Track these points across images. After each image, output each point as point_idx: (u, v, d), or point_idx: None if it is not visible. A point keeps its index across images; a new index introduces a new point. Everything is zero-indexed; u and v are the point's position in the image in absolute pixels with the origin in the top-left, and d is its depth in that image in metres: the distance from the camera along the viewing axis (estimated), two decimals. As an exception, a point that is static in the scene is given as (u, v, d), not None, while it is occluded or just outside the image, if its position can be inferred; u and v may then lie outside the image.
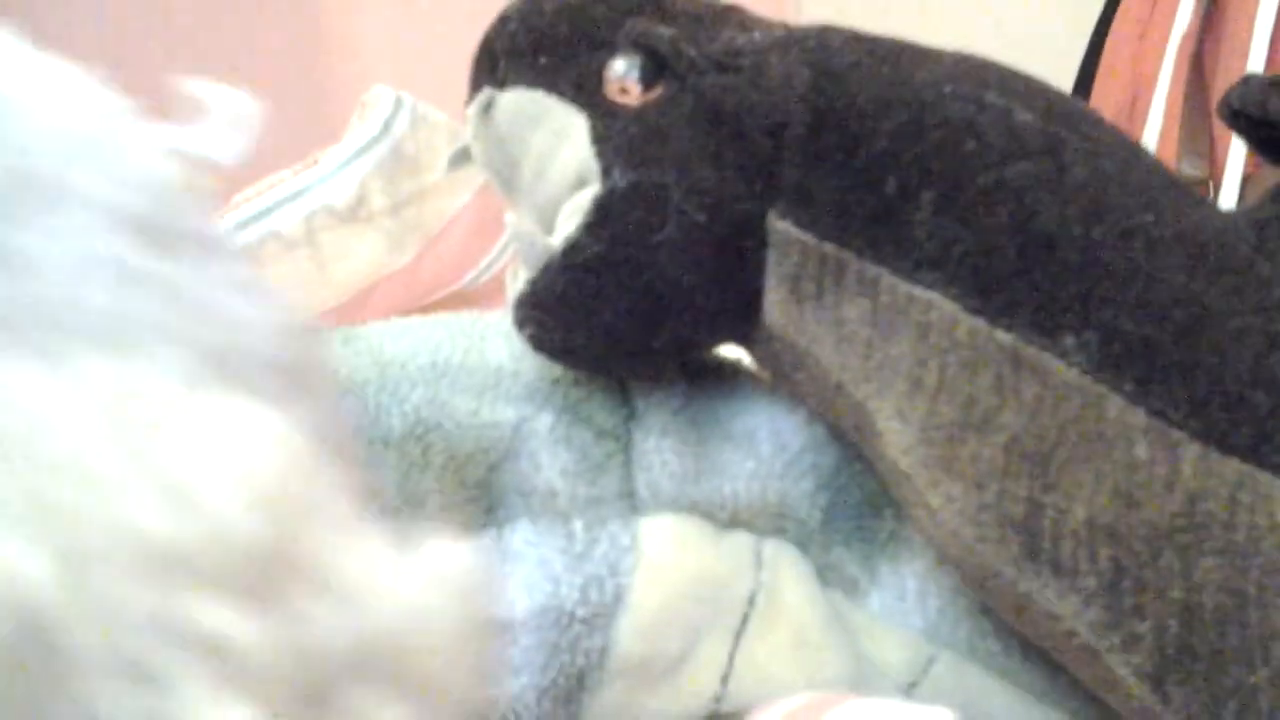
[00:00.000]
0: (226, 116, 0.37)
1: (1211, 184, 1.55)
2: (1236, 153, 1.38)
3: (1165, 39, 1.41)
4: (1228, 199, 1.43)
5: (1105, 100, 1.46)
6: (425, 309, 0.91)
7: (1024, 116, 0.46)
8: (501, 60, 0.50)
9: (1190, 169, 1.55)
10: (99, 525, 0.21)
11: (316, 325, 0.34)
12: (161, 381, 0.26)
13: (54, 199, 0.30)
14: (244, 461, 0.23)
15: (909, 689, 0.50)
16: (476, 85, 0.51)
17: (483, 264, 0.93)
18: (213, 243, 0.32)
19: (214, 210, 0.35)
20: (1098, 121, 0.48)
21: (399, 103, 0.94)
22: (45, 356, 0.27)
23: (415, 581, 0.24)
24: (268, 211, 0.89)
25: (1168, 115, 1.41)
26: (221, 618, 0.21)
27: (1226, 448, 0.43)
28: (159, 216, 0.31)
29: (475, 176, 0.91)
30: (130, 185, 0.31)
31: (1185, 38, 1.37)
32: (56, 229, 0.29)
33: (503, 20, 0.51)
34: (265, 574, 0.22)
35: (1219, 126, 1.30)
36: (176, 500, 0.22)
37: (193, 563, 0.21)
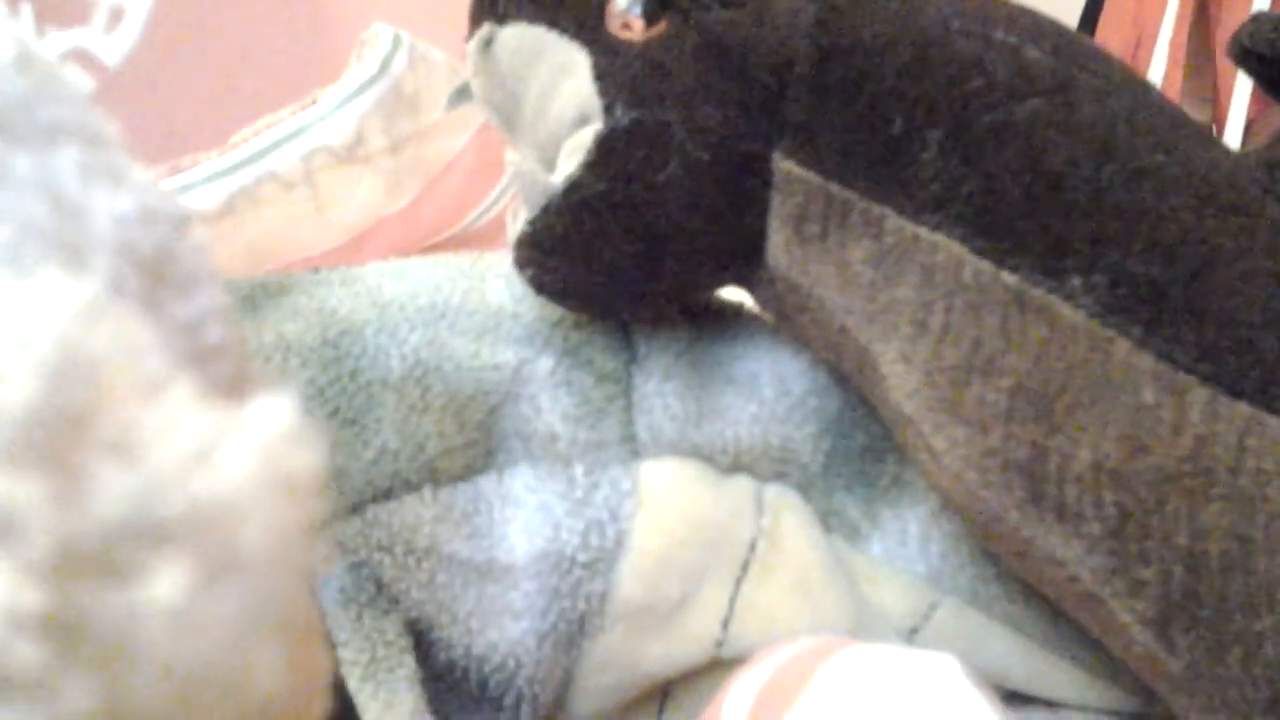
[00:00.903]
0: (110, 11, 0.36)
1: (1215, 129, 1.54)
2: (1240, 97, 1.37)
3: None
4: (1231, 144, 1.42)
5: (1109, 43, 1.44)
6: (425, 251, 0.91)
7: (1032, 54, 0.45)
8: None
9: (1194, 113, 1.54)
10: None
11: (187, 216, 0.33)
12: None
13: None
14: (26, 330, 0.22)
15: (911, 635, 0.50)
16: (476, 21, 0.50)
17: (483, 205, 0.92)
18: (63, 126, 0.31)
19: (76, 96, 0.34)
20: (1107, 59, 0.47)
21: (397, 41, 0.93)
22: None
23: (209, 435, 0.23)
24: (265, 151, 0.88)
25: (1171, 60, 1.40)
26: None
27: (1235, 392, 0.42)
28: (3, 100, 0.30)
29: (474, 117, 0.90)
30: None
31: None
32: None
33: None
34: (40, 439, 0.21)
35: (1223, 71, 1.29)
36: None
37: None
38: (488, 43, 0.50)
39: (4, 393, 0.20)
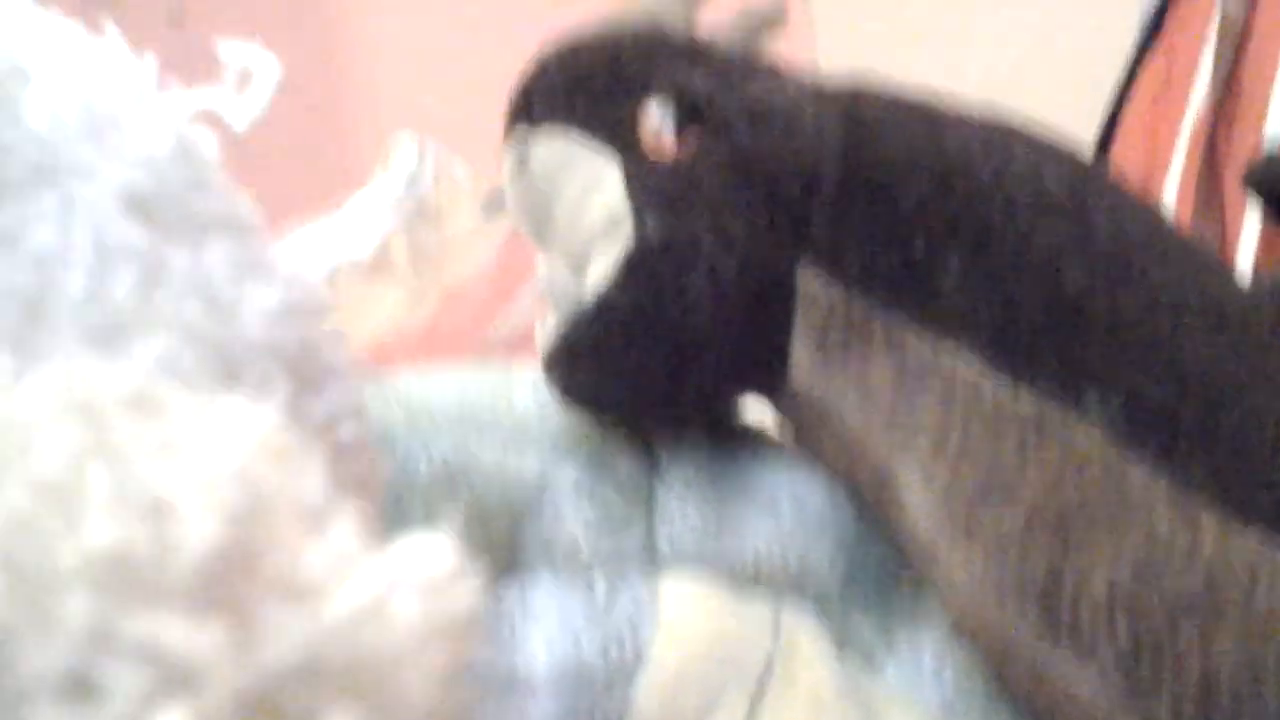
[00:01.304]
0: (240, 74, 0.37)
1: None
2: (1249, 231, 1.38)
3: (1179, 121, 1.41)
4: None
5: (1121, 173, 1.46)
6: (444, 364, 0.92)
7: (1052, 179, 0.46)
8: (537, 102, 0.51)
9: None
10: (54, 536, 0.21)
11: (324, 305, 0.33)
12: (137, 376, 0.26)
13: (43, 176, 0.29)
14: (210, 466, 0.23)
15: (923, 760, 0.50)
16: (512, 123, 0.52)
17: (501, 322, 0.93)
18: (215, 219, 0.31)
19: (225, 185, 0.34)
20: (1123, 186, 0.49)
21: (423, 154, 0.95)
22: (18, 347, 0.27)
23: (379, 581, 0.23)
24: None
25: (1181, 192, 1.42)
26: (166, 626, 0.20)
27: (1247, 521, 0.43)
28: (158, 194, 0.30)
29: (495, 232, 0.92)
30: (131, 162, 0.30)
31: (1198, 124, 1.37)
32: (44, 211, 0.29)
33: (541, 65, 0.51)
34: (217, 580, 0.21)
35: (1231, 205, 1.30)
36: (135, 510, 0.21)
37: (142, 573, 0.21)
38: (523, 152, 0.51)
39: (185, 534, 0.21)
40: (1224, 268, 0.49)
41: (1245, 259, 1.39)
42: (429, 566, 0.23)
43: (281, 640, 0.21)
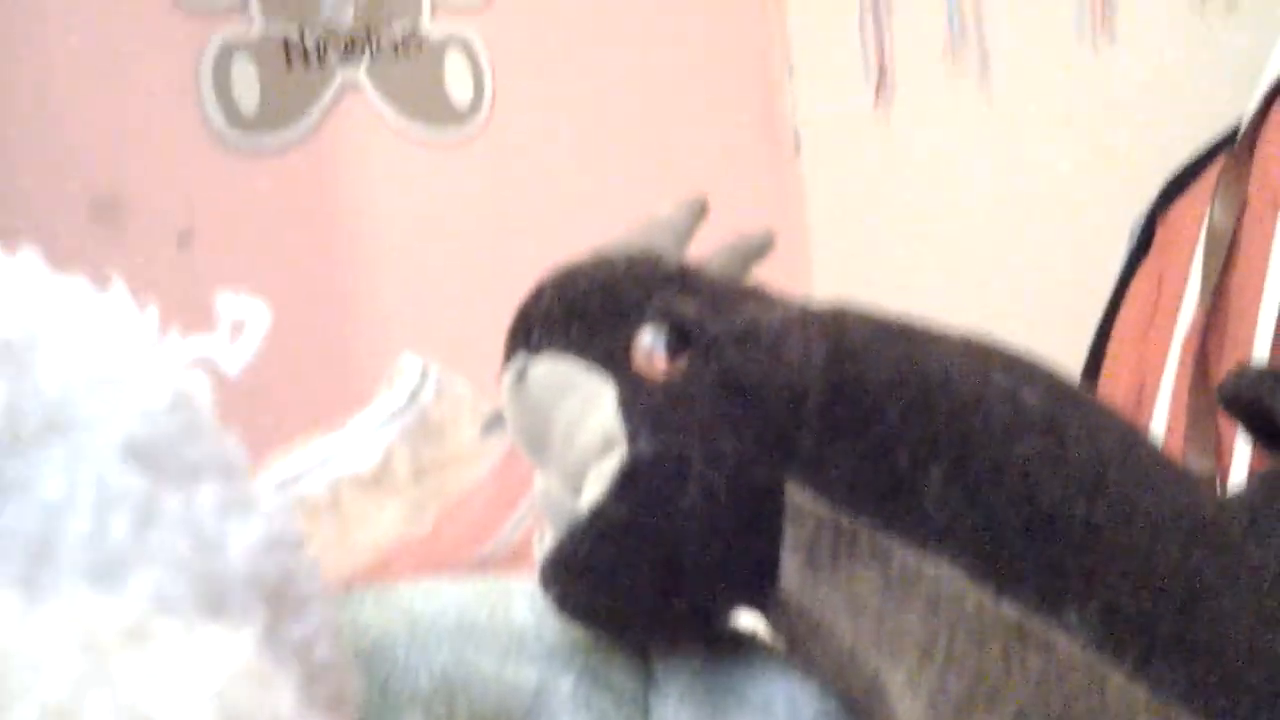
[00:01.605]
0: (233, 323, 0.39)
1: (1219, 479, 1.56)
2: (1243, 448, 1.39)
3: (1169, 336, 1.44)
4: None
5: (1112, 391, 1.48)
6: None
7: (1028, 396, 0.49)
8: (536, 328, 0.53)
9: (1197, 463, 1.56)
10: None
11: (299, 538, 0.35)
12: (133, 609, 0.28)
13: (52, 429, 0.32)
14: (193, 690, 0.24)
15: None
16: (511, 351, 0.54)
17: (499, 536, 0.94)
18: (206, 461, 0.34)
19: (216, 429, 0.36)
20: (1098, 404, 0.51)
21: (425, 373, 0.97)
22: (27, 586, 0.29)
23: None
24: (295, 478, 0.91)
25: (1173, 410, 1.43)
26: None
27: (1226, 725, 0.44)
28: (155, 442, 0.33)
29: (495, 448, 0.94)
30: (133, 414, 0.33)
31: (1189, 335, 1.40)
32: (53, 461, 0.31)
33: (539, 291, 0.54)
34: None
35: (1225, 422, 1.32)
36: None
37: None
38: (521, 376, 0.53)
39: None
40: (1198, 482, 0.50)
41: (1240, 471, 1.40)
42: None
43: None
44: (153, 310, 0.38)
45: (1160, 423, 1.44)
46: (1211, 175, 1.39)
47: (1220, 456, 1.45)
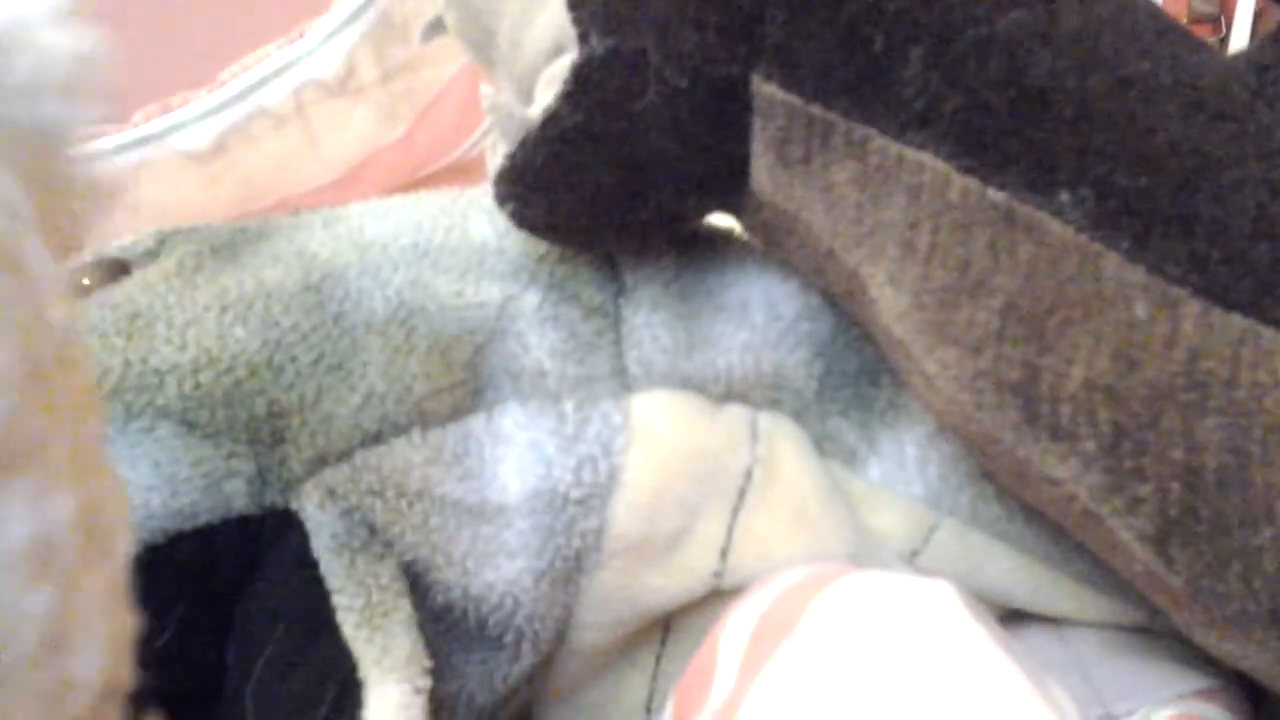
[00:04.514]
0: None
1: (1224, 19, 1.52)
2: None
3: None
4: (1239, 37, 1.40)
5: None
6: (420, 182, 0.90)
7: (1013, -35, 0.44)
8: None
9: (1202, 4, 1.51)
10: None
11: None
12: None
13: None
14: None
15: (911, 557, 0.50)
16: None
17: (477, 133, 0.91)
18: None
19: None
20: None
21: (382, -29, 0.92)
22: None
23: None
24: (255, 87, 0.87)
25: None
26: None
27: (1228, 304, 0.42)
28: None
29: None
30: None
31: None
32: None
33: None
34: None
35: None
36: None
37: None
38: (458, -26, 0.49)
39: None
40: (1200, 44, 0.46)
41: (1246, 13, 1.36)
42: None
43: None
44: None
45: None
46: None
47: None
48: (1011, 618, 0.51)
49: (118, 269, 0.48)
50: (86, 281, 0.48)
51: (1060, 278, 0.42)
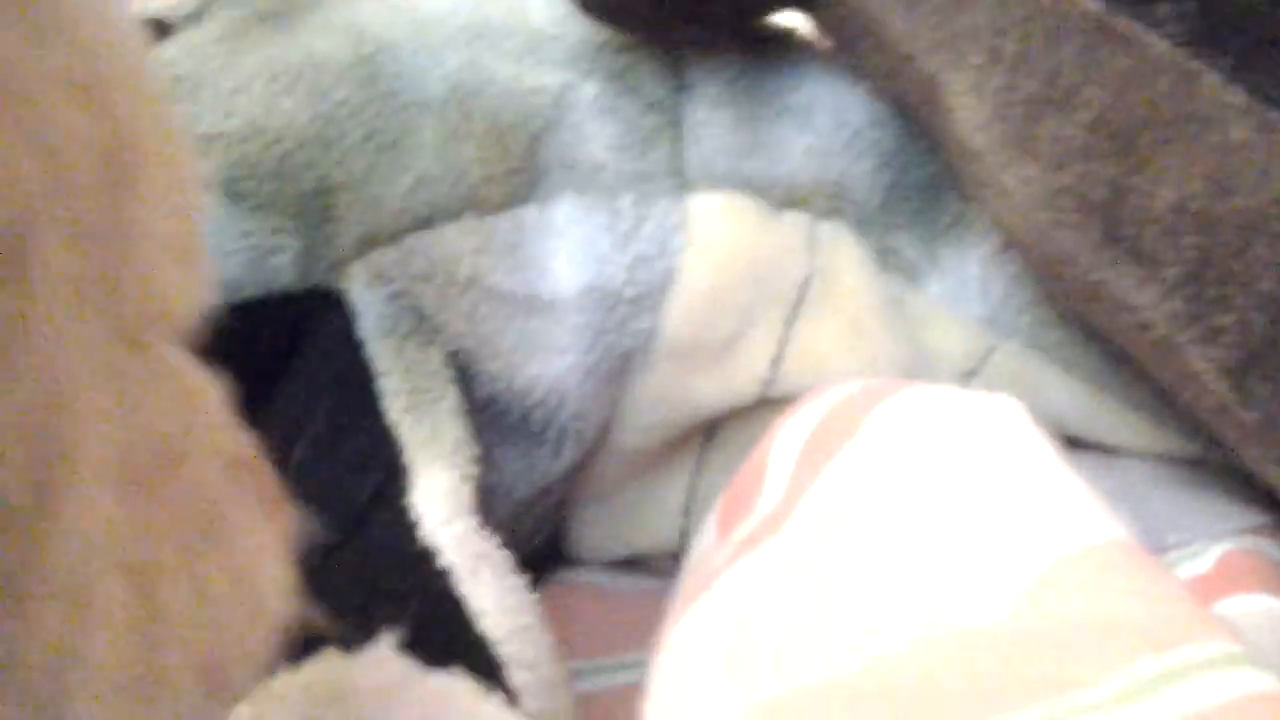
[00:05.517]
0: None
1: None
2: None
3: None
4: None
5: None
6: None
7: None
8: None
9: None
10: None
11: None
12: None
13: None
14: None
15: (968, 378, 0.48)
16: None
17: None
18: None
19: None
20: None
21: None
22: None
23: None
24: None
25: None
26: None
27: (1329, 131, 0.40)
28: None
29: None
30: None
31: None
32: None
33: None
34: None
35: None
36: None
37: None
38: None
39: None
40: None
41: None
42: None
43: None
44: None
45: None
46: None
47: None
48: (1066, 446, 0.49)
49: (159, 30, 0.46)
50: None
51: (1154, 95, 0.40)
